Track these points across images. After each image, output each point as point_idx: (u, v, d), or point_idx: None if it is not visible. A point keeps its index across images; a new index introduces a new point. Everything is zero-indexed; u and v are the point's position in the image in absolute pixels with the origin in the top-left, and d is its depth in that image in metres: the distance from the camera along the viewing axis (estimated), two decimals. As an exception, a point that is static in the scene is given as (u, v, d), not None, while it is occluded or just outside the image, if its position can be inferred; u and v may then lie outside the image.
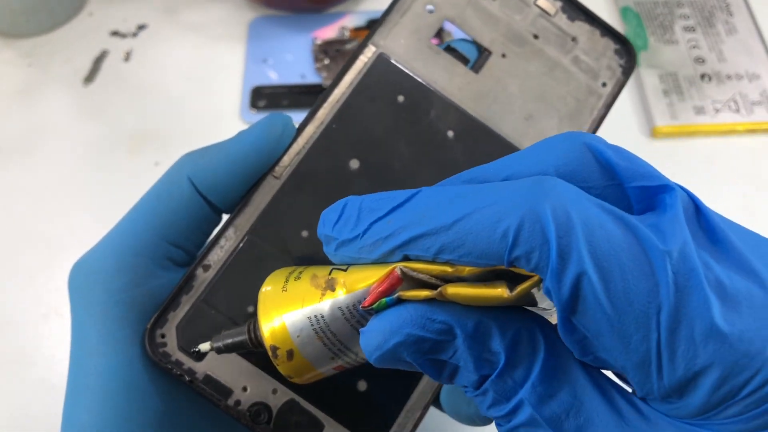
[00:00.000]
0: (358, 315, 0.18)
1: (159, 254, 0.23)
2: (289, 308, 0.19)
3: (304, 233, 0.24)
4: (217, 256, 0.24)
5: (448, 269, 0.16)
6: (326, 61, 0.52)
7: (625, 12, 0.55)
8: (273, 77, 0.52)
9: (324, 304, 0.18)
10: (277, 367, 0.20)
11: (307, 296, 0.19)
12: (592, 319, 0.15)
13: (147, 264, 0.23)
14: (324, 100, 0.25)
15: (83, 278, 0.23)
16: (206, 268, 0.24)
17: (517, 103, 0.26)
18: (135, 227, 0.23)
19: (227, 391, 0.23)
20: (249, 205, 0.24)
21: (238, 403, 0.23)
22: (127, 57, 0.53)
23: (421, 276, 0.17)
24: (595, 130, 0.26)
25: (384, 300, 0.17)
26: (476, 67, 0.26)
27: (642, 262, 0.15)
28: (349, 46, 0.52)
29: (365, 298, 0.17)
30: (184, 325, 0.23)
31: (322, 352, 0.19)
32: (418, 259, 0.17)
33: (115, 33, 0.55)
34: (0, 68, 0.53)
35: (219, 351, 0.21)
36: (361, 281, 0.18)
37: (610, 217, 0.15)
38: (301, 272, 0.20)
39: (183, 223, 0.24)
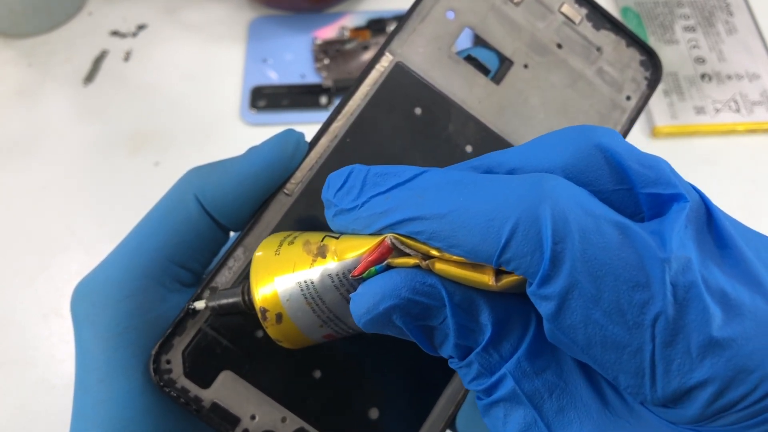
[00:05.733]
0: (347, 283, 0.18)
1: (166, 276, 0.23)
2: (280, 272, 0.19)
3: None
4: (224, 278, 0.23)
5: (435, 253, 0.16)
6: (326, 61, 0.52)
7: (625, 12, 0.55)
8: (273, 77, 0.52)
9: (314, 271, 0.18)
10: (266, 330, 0.20)
11: (299, 262, 0.19)
12: (581, 330, 0.14)
13: (154, 287, 0.22)
14: (338, 112, 0.24)
15: (89, 303, 0.22)
16: (213, 290, 0.23)
17: (538, 116, 0.25)
18: (141, 248, 0.22)
19: (235, 420, 0.22)
20: (259, 223, 0.23)
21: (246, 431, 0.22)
22: (127, 57, 0.53)
23: (409, 250, 0.17)
24: None
25: (374, 268, 0.17)
26: (497, 78, 0.25)
27: (638, 272, 0.14)
28: (349, 46, 0.52)
29: (355, 267, 0.17)
30: (191, 350, 0.22)
31: (310, 318, 0.19)
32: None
33: (114, 33, 0.55)
34: (0, 68, 0.53)
35: (213, 311, 0.21)
36: (351, 250, 0.18)
37: (610, 224, 0.15)
38: (295, 237, 0.20)
39: (190, 244, 0.23)
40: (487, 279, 0.16)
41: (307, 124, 0.48)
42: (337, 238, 0.19)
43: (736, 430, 0.14)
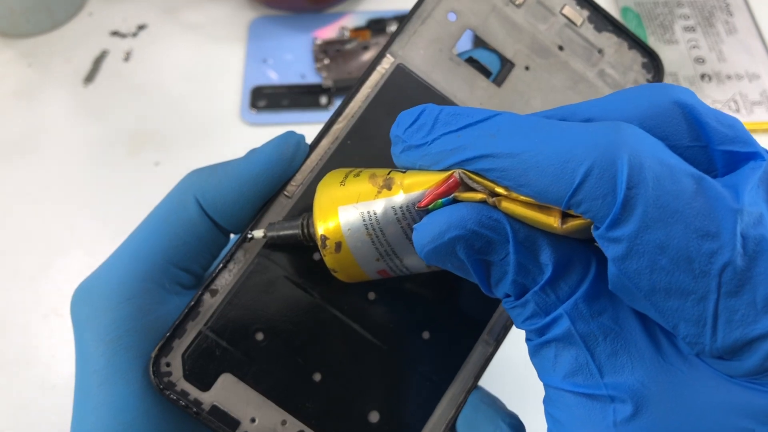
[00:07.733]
0: (409, 217, 0.18)
1: (167, 279, 0.23)
2: (344, 202, 0.19)
3: (316, 255, 0.24)
4: (225, 281, 0.23)
5: (502, 191, 0.16)
6: (326, 61, 0.52)
7: (625, 12, 0.55)
8: (273, 77, 0.52)
9: (379, 202, 0.19)
10: (324, 258, 0.20)
11: (363, 192, 0.19)
12: (646, 275, 0.15)
13: (155, 290, 0.22)
14: (339, 114, 0.24)
15: (88, 306, 0.22)
16: (213, 293, 0.23)
17: None
18: (141, 250, 0.22)
19: (235, 423, 0.22)
20: (259, 226, 0.23)
21: None
22: (127, 57, 0.53)
23: (477, 186, 0.17)
24: None
25: (440, 201, 0.17)
26: (498, 80, 0.25)
27: (709, 222, 0.14)
28: (349, 46, 0.52)
29: (420, 200, 0.18)
30: (190, 353, 0.22)
31: (368, 249, 0.19)
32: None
33: (115, 33, 0.55)
34: (0, 68, 0.53)
35: (271, 240, 0.22)
36: (418, 185, 0.18)
37: (685, 174, 0.15)
38: (360, 171, 0.20)
39: (190, 246, 0.23)
40: (552, 221, 0.16)
41: (307, 124, 0.48)
42: (403, 172, 0.19)
43: None
